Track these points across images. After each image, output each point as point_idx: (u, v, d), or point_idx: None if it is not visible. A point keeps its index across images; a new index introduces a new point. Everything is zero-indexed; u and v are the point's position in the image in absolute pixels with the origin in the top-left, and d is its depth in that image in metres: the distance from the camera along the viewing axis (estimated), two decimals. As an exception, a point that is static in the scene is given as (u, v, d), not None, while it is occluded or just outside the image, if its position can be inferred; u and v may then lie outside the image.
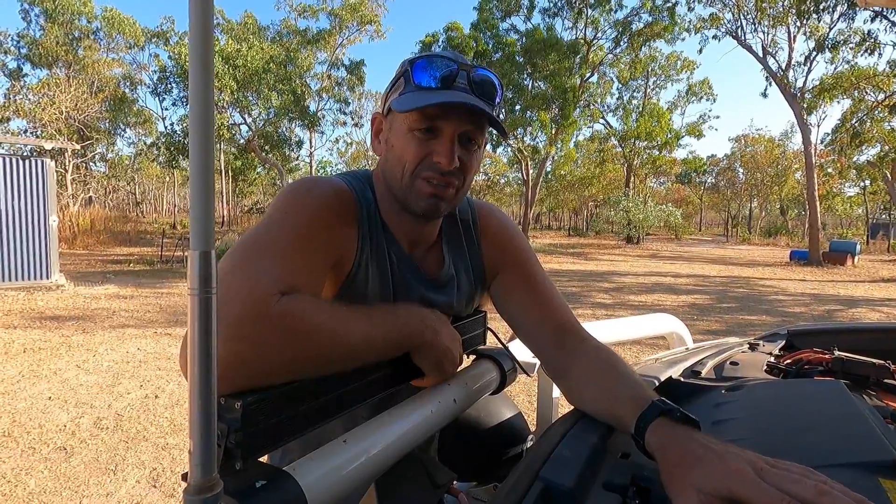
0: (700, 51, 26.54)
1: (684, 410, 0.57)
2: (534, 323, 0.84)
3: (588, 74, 24.37)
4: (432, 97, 0.70)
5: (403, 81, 0.74)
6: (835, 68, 17.82)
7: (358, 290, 0.76)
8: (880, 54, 15.70)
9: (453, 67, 0.72)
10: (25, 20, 24.63)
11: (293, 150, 25.78)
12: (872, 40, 15.53)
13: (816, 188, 17.87)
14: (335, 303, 0.71)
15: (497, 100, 0.76)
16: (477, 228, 0.91)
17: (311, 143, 30.33)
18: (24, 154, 10.84)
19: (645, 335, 1.68)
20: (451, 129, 0.72)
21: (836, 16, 16.52)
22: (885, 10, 13.16)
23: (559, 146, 24.56)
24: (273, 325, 0.55)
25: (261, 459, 0.51)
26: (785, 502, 0.42)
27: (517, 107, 22.39)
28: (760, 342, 1.32)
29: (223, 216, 28.42)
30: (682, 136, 30.76)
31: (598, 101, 28.95)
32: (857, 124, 18.09)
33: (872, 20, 15.54)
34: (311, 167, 31.38)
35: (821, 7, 16.23)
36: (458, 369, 0.80)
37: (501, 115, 0.83)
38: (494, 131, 0.78)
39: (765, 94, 19.45)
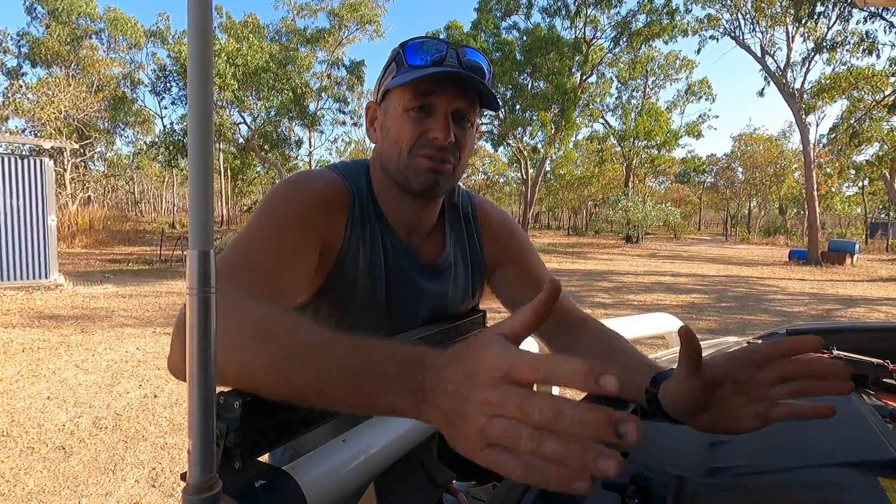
0: (698, 51, 26.63)
1: None
2: None
3: (588, 74, 24.37)
4: (425, 72, 0.71)
5: (396, 65, 0.76)
6: (832, 69, 17.83)
7: (347, 276, 0.77)
8: (878, 56, 15.70)
9: (443, 47, 0.74)
10: (30, 15, 24.61)
11: (292, 149, 25.76)
12: (871, 41, 15.53)
13: (815, 188, 17.88)
14: (321, 295, 0.75)
15: (486, 79, 0.78)
16: (477, 222, 0.94)
17: (310, 142, 30.33)
18: (23, 153, 10.83)
19: (644, 334, 1.68)
20: (445, 105, 0.74)
21: (832, 20, 16.53)
22: (882, 9, 13.17)
23: (558, 146, 24.55)
24: (225, 329, 0.51)
25: (262, 459, 0.51)
26: None
27: (517, 106, 22.38)
28: (759, 341, 1.33)
29: (222, 215, 28.40)
30: (681, 136, 30.78)
31: (598, 100, 28.96)
32: (855, 124, 18.11)
33: (866, 20, 15.53)
34: (310, 166, 31.39)
35: (817, 12, 16.24)
36: None
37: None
38: (492, 130, 0.80)
39: (762, 94, 19.51)
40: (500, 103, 0.86)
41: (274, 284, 0.64)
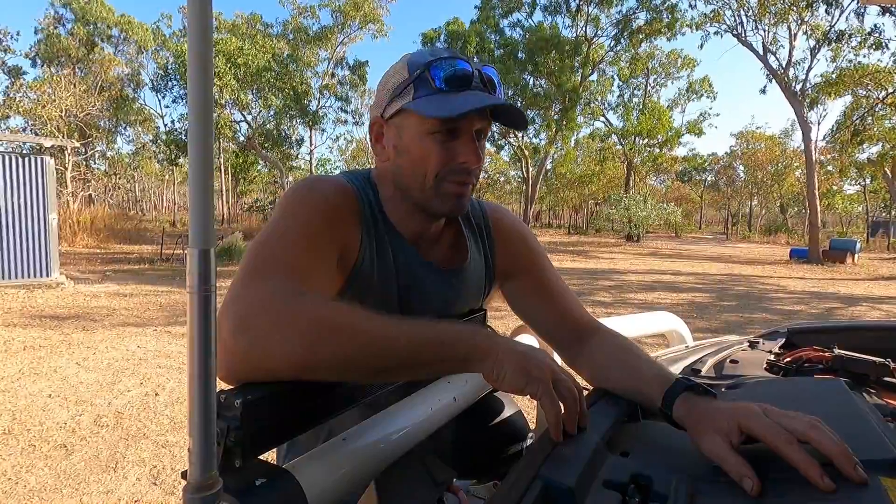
0: (701, 46, 26.56)
1: (703, 385, 0.63)
2: (552, 323, 0.88)
3: (589, 72, 24.33)
4: (466, 101, 0.70)
5: (415, 86, 0.73)
6: (836, 66, 17.76)
7: (364, 281, 0.77)
8: (884, 50, 15.65)
9: (468, 68, 0.73)
10: (59, 23, 24.86)
11: (293, 148, 25.77)
12: (878, 34, 15.45)
13: (817, 186, 17.84)
14: (347, 299, 0.72)
15: (498, 91, 0.77)
16: (489, 229, 0.93)
17: (311, 140, 30.34)
18: (24, 152, 10.81)
19: (645, 333, 1.69)
20: (470, 126, 0.74)
21: (837, 13, 16.47)
22: (892, 6, 13.09)
23: (559, 145, 24.55)
24: (284, 321, 0.55)
25: (263, 457, 0.51)
26: (780, 431, 0.50)
27: (518, 105, 22.35)
28: (760, 340, 1.33)
29: (223, 214, 28.43)
30: (683, 134, 30.72)
31: (599, 98, 28.88)
32: (858, 121, 18.04)
33: (880, 14, 15.44)
34: (311, 165, 31.37)
35: (828, 1, 16.14)
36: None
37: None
38: (493, 129, 0.81)
39: (763, 91, 19.52)
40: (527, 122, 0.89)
41: (311, 285, 0.63)
